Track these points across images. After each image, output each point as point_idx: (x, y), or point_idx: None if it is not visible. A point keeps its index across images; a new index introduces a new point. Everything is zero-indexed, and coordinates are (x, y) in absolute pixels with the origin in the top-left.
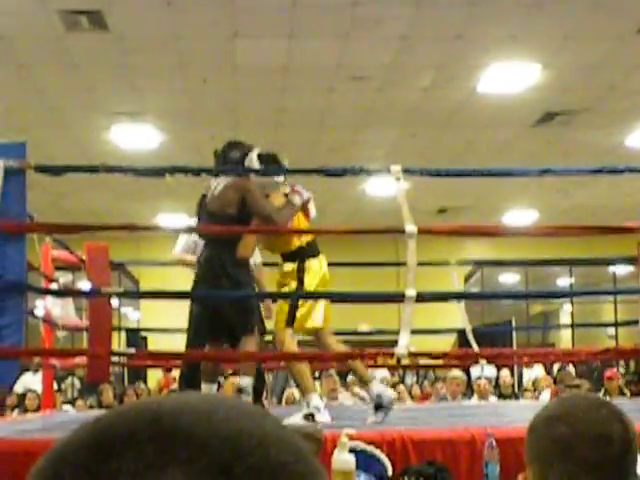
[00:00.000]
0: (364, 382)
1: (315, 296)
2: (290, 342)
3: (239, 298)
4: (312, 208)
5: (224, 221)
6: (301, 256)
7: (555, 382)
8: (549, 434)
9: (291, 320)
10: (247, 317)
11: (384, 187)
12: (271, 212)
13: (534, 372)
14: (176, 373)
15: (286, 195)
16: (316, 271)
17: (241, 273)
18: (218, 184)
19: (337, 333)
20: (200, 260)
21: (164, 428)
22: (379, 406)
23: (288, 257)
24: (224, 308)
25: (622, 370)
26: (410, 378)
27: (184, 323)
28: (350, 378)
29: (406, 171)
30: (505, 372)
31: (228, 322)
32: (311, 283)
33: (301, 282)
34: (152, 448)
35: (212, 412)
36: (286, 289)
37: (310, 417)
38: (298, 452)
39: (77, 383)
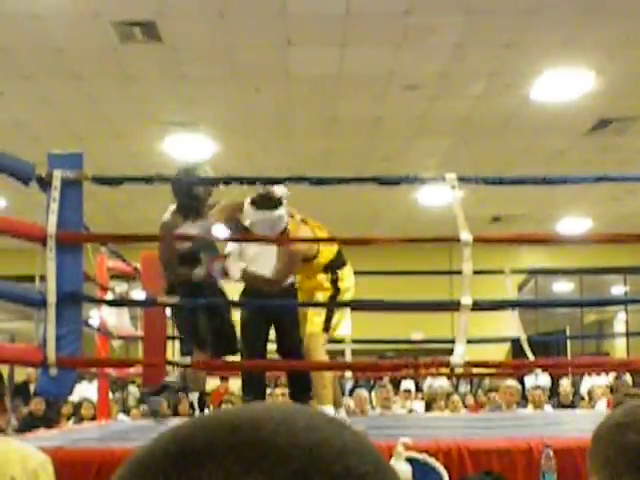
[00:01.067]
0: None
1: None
2: (322, 349)
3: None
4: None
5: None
6: (333, 267)
7: (612, 391)
8: (618, 442)
9: (327, 327)
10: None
11: (436, 196)
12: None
13: (592, 381)
14: (232, 382)
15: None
16: (348, 278)
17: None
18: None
19: (391, 341)
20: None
21: (244, 438)
22: None
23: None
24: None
25: None
26: (464, 387)
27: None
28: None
29: (461, 179)
30: (565, 381)
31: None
32: (346, 290)
33: (337, 290)
34: (232, 458)
35: (292, 422)
36: (320, 297)
37: None
38: (377, 462)
39: (136, 392)
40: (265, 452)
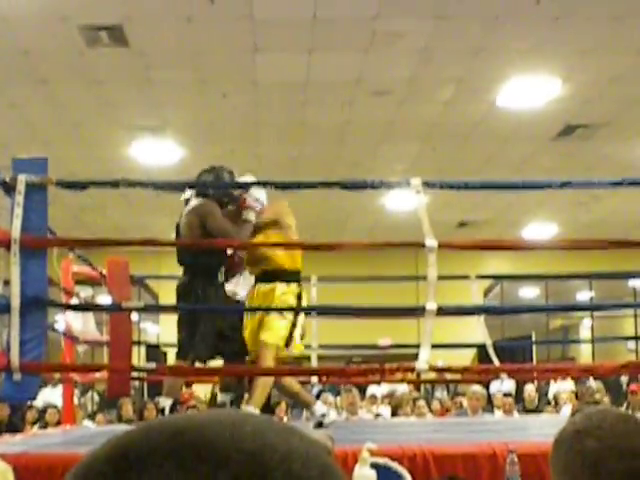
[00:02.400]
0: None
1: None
2: (271, 359)
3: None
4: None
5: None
6: (298, 278)
7: (577, 397)
8: (577, 448)
9: (290, 340)
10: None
11: (403, 201)
12: (232, 232)
13: (558, 386)
14: (196, 388)
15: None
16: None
17: (211, 297)
18: (186, 210)
19: (357, 347)
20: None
21: (185, 442)
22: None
23: (285, 278)
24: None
25: None
26: (440, 393)
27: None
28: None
29: (426, 184)
30: (530, 387)
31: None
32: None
33: (300, 304)
34: (172, 463)
35: (237, 427)
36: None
37: (320, 424)
38: (324, 467)
39: (96, 397)
40: (206, 456)
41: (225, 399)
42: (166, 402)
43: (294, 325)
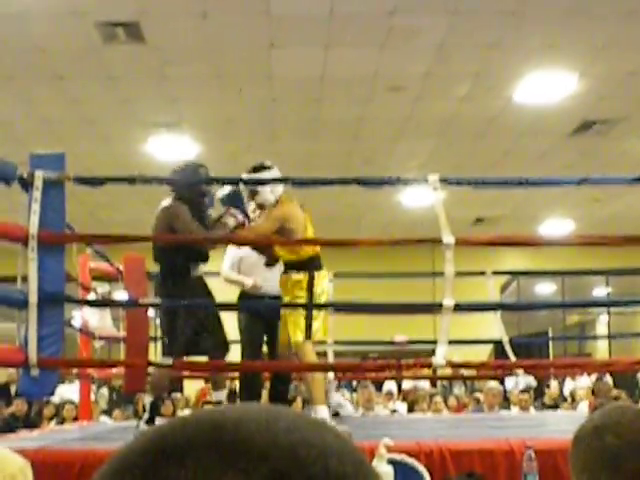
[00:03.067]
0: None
1: (351, 307)
2: (312, 353)
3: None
4: None
5: (161, 247)
6: (311, 266)
7: (593, 393)
8: (597, 445)
9: (309, 332)
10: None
11: (419, 198)
12: (198, 233)
13: (574, 383)
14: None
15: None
16: (322, 282)
17: (183, 293)
18: (157, 210)
19: (373, 343)
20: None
21: (223, 436)
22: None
23: (297, 266)
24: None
25: None
26: (459, 389)
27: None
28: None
29: (443, 181)
30: (554, 383)
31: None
32: (319, 294)
33: (311, 293)
34: (210, 456)
35: (273, 422)
36: (293, 299)
37: (337, 414)
38: (359, 464)
39: (106, 394)
40: (245, 451)
41: (220, 397)
42: (146, 399)
43: (310, 317)
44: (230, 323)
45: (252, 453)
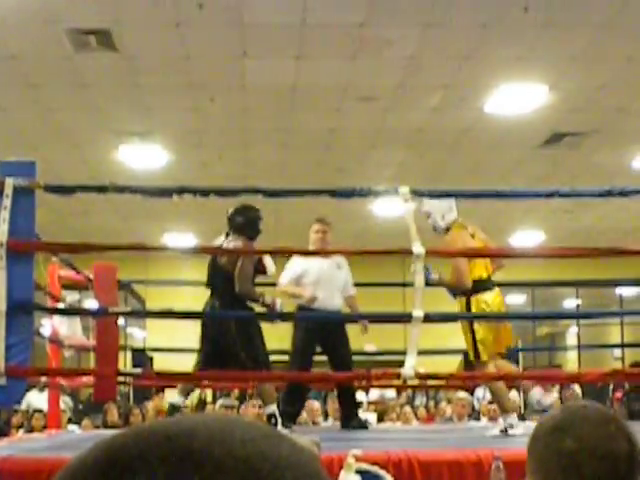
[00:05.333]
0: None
1: (322, 317)
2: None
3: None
4: (268, 263)
5: (230, 277)
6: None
7: (562, 402)
8: (554, 446)
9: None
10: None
11: (391, 207)
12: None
13: (542, 394)
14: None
15: None
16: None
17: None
18: (228, 243)
19: None
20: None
21: (177, 448)
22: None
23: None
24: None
25: None
26: (420, 399)
27: (190, 343)
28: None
29: (414, 192)
30: (514, 393)
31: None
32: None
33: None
34: (164, 469)
35: (227, 433)
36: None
37: (505, 431)
38: (314, 475)
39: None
40: (198, 463)
41: (180, 402)
42: (267, 410)
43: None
44: None
45: (206, 466)
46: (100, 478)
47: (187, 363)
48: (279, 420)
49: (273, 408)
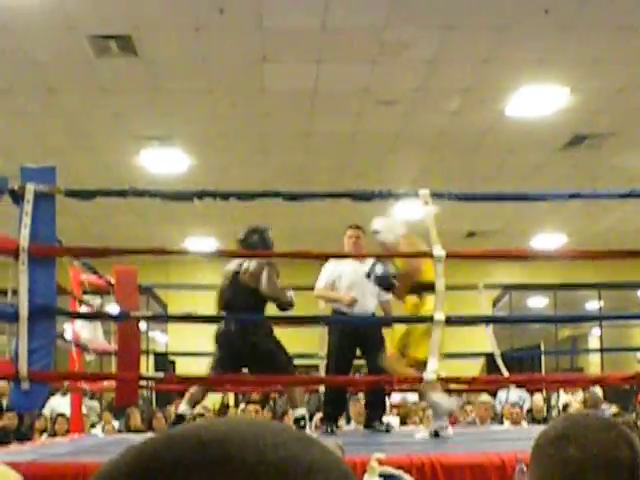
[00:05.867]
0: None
1: (344, 321)
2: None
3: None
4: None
5: (253, 293)
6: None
7: (585, 405)
8: (558, 455)
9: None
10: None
11: (411, 211)
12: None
13: (569, 397)
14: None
15: None
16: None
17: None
18: (250, 262)
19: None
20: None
21: (211, 455)
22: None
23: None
24: None
25: None
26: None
27: (212, 347)
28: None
29: (434, 195)
30: (538, 396)
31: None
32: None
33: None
34: (199, 475)
35: (259, 438)
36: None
37: (436, 434)
38: (345, 477)
39: (96, 406)
40: (233, 470)
41: (186, 411)
42: (297, 413)
43: None
44: None
45: (240, 471)
46: None
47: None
48: (307, 423)
49: (301, 411)
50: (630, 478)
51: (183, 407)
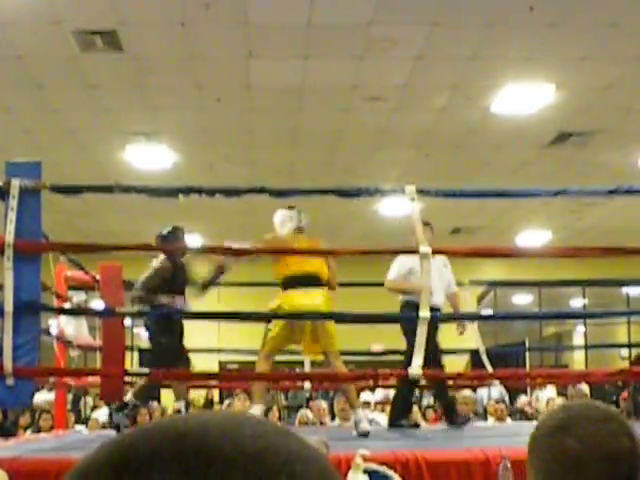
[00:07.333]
0: (352, 406)
1: (328, 317)
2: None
3: None
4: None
5: None
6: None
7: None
8: (557, 447)
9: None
10: None
11: (397, 207)
12: None
13: (547, 394)
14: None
15: None
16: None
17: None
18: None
19: (350, 353)
20: None
21: (189, 446)
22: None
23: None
24: None
25: None
26: (427, 399)
27: (197, 342)
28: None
29: (420, 191)
30: (524, 398)
31: None
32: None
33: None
34: (177, 467)
35: (237, 429)
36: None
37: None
38: (324, 470)
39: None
40: (211, 460)
41: (180, 406)
42: (180, 404)
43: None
44: None
45: (218, 462)
46: (112, 477)
47: (195, 363)
48: None
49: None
50: (630, 468)
51: (179, 403)
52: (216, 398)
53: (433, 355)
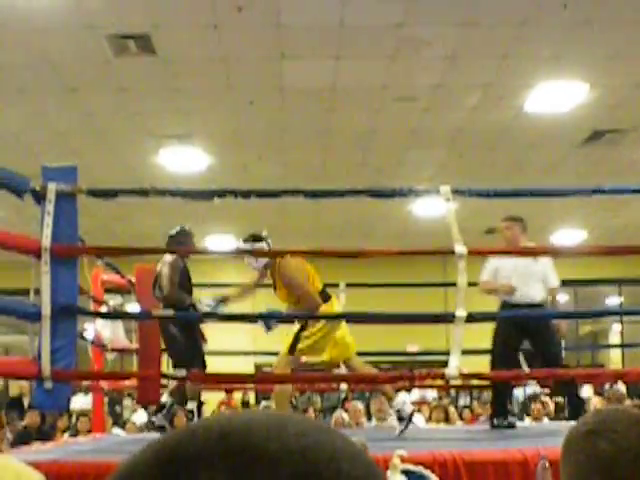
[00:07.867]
0: (389, 399)
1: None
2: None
3: None
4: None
5: None
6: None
7: (609, 402)
8: (590, 450)
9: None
10: None
11: (430, 208)
12: None
13: (583, 394)
14: (237, 395)
15: None
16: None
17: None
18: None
19: (386, 353)
20: None
21: (233, 445)
22: (401, 418)
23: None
24: None
25: None
26: (463, 399)
27: (234, 345)
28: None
29: (455, 192)
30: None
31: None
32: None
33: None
34: (223, 465)
35: (281, 427)
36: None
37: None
38: (368, 467)
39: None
40: (256, 458)
41: (192, 407)
42: (192, 405)
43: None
44: None
45: (264, 460)
46: (159, 478)
47: (232, 365)
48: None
49: (191, 405)
50: None
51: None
52: (252, 401)
53: (551, 352)
